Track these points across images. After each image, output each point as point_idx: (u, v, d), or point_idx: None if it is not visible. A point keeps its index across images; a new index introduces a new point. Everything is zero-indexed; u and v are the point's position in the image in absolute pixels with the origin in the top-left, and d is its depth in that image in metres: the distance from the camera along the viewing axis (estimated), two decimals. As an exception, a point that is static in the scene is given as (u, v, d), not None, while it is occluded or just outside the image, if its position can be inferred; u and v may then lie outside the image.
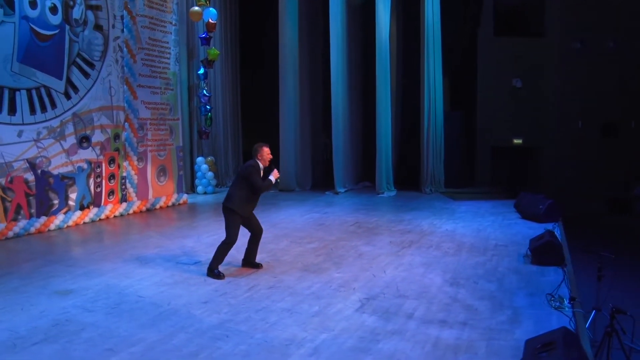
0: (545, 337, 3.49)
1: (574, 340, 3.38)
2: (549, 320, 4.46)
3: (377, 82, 11.79)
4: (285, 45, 12.39)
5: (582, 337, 4.12)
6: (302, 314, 4.57)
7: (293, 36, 12.42)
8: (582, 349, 3.39)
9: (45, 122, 8.22)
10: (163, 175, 10.63)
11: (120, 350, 3.86)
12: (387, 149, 11.96)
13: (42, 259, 6.67)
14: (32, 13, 7.95)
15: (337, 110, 11.98)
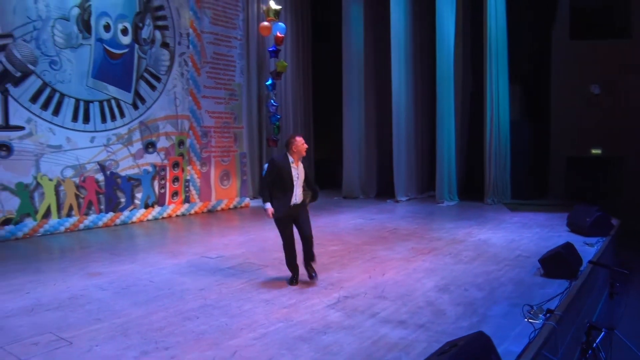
0: (460, 340, 3.74)
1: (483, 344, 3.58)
2: (512, 329, 4.52)
3: (440, 89, 11.94)
4: (349, 53, 13.02)
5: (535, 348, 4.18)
6: (275, 305, 5.12)
7: (358, 43, 12.98)
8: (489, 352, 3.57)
9: (114, 129, 9.57)
10: (227, 180, 11.66)
11: (105, 320, 4.69)
12: (450, 157, 12.05)
13: (95, 247, 7.87)
14: (105, 35, 9.34)
15: (399, 117, 12.31)
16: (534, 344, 4.17)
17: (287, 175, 5.52)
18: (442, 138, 12.02)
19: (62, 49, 8.78)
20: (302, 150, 5.58)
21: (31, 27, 8.37)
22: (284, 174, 5.51)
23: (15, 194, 8.31)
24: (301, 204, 5.72)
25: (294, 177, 5.55)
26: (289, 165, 5.53)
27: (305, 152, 5.63)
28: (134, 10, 9.76)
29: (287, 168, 5.53)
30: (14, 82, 8.25)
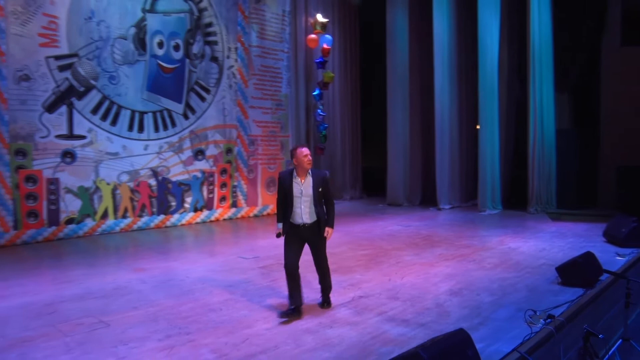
0: (443, 336, 4.13)
1: (461, 339, 3.96)
2: (509, 332, 4.76)
3: (482, 97, 12.09)
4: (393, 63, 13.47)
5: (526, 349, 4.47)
6: (292, 300, 5.67)
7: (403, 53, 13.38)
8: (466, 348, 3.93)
9: (166, 138, 10.45)
10: (272, 186, 12.34)
11: (141, 308, 5.39)
12: (494, 166, 12.18)
13: (145, 246, 8.70)
14: (159, 52, 10.25)
15: (442, 126, 12.58)
16: (524, 345, 4.48)
17: (288, 190, 5.11)
18: (485, 146, 12.18)
19: (120, 65, 9.76)
20: (303, 163, 5.06)
21: (94, 47, 9.39)
22: (285, 189, 5.14)
23: (78, 196, 9.32)
24: (315, 226, 5.16)
25: (294, 192, 5.09)
26: (291, 180, 5.12)
27: (308, 165, 5.09)
28: (185, 27, 10.64)
29: (287, 183, 5.13)
30: (78, 96, 9.28)
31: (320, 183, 5.14)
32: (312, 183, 5.10)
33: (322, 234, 5.20)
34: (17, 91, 8.68)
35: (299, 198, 5.08)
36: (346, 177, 14.90)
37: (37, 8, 8.78)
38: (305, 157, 5.06)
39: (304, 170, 5.09)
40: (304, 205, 5.09)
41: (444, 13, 12.49)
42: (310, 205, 5.11)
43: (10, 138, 8.62)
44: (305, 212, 5.10)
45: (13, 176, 8.68)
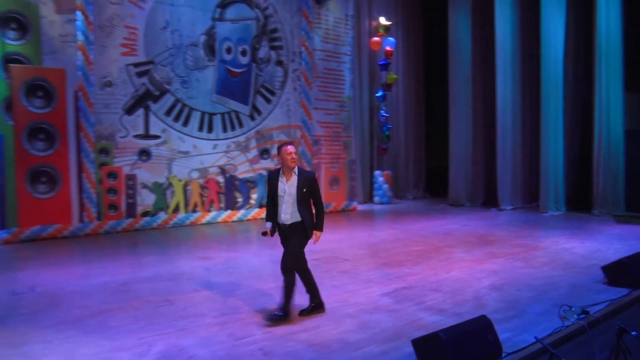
0: (467, 321, 4.48)
1: (483, 325, 4.29)
2: (540, 324, 4.93)
3: (545, 97, 12.02)
4: (456, 63, 13.62)
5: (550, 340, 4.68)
6: (339, 290, 6.12)
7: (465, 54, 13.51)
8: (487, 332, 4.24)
9: (234, 138, 11.22)
10: (336, 184, 12.86)
11: (202, 290, 6.05)
12: (557, 167, 12.06)
13: (212, 238, 9.47)
14: (227, 57, 11.04)
15: (504, 126, 12.61)
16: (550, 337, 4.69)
17: (274, 189, 5.04)
18: (548, 147, 12.11)
19: (192, 70, 10.62)
20: (287, 161, 4.94)
21: (168, 54, 10.29)
22: (272, 188, 5.07)
23: (152, 191, 10.25)
24: (297, 227, 5.03)
25: (279, 191, 5.01)
26: (277, 179, 5.03)
27: (292, 163, 4.96)
28: (252, 34, 11.38)
29: (274, 182, 5.05)
30: (153, 100, 10.21)
31: (306, 183, 5.02)
32: (296, 183, 4.98)
33: (304, 236, 5.07)
34: (102, 96, 9.69)
35: (282, 197, 4.98)
36: (409, 176, 15.20)
37: (120, 21, 9.77)
38: (289, 155, 4.93)
39: (289, 168, 4.98)
40: (285, 204, 4.98)
41: (506, 10, 12.50)
42: (293, 205, 4.98)
43: (95, 138, 9.63)
44: (286, 211, 4.99)
45: (97, 172, 9.69)
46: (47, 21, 9.16)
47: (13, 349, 4.37)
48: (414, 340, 4.09)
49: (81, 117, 9.49)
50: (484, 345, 4.06)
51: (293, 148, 5.05)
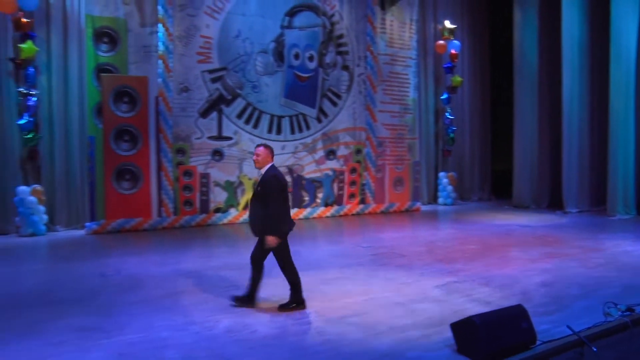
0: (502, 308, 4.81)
1: (518, 312, 4.62)
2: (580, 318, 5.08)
3: (614, 97, 11.82)
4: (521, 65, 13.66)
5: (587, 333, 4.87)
6: (393, 282, 6.55)
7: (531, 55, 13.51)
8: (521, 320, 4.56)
9: (301, 139, 11.86)
10: (400, 185, 13.24)
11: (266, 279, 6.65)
12: (627, 169, 11.80)
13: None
14: (295, 62, 11.70)
15: (571, 128, 12.50)
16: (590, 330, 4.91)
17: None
18: (617, 148, 11.91)
19: (262, 75, 11.35)
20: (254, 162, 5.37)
21: (240, 61, 11.07)
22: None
23: (224, 189, 11.05)
24: (252, 225, 5.49)
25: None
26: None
27: (255, 165, 5.44)
28: (319, 40, 11.99)
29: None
30: (226, 103, 11.01)
31: (260, 182, 5.29)
32: (258, 183, 5.34)
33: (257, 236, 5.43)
34: (179, 100, 10.58)
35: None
36: (474, 178, 15.32)
37: (196, 31, 10.63)
38: (254, 156, 5.36)
39: (258, 169, 5.43)
40: (251, 203, 5.45)
41: (574, 10, 12.40)
42: (253, 204, 5.40)
43: (173, 139, 10.53)
44: (250, 210, 5.45)
45: (174, 171, 10.58)
46: (133, 34, 10.13)
47: (104, 318, 5.15)
48: (452, 324, 4.49)
49: (161, 120, 10.41)
50: (517, 332, 4.39)
51: (258, 149, 5.39)
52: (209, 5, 10.78)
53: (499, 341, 4.23)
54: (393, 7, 12.92)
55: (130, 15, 10.14)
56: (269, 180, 5.26)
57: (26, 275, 7.12)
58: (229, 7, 10.96)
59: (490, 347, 4.15)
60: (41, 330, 4.86)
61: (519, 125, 13.87)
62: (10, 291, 6.28)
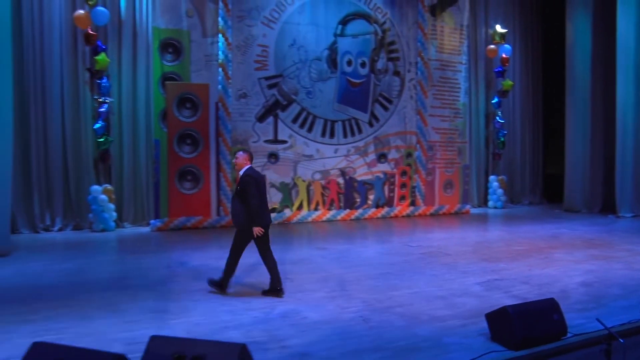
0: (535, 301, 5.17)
1: (550, 305, 4.98)
2: (616, 315, 5.32)
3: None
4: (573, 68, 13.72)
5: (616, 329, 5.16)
6: (438, 278, 6.97)
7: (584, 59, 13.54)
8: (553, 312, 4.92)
9: (353, 143, 12.38)
10: (450, 188, 13.56)
11: (317, 273, 7.23)
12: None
13: (330, 233, 10.68)
14: (348, 69, 12.24)
15: (625, 130, 12.44)
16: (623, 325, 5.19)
17: None
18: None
19: (316, 81, 11.95)
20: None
21: (295, 68, 11.71)
22: None
23: (279, 190, 11.70)
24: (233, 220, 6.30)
25: None
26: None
27: (235, 167, 6.48)
28: (371, 47, 12.49)
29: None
30: (282, 108, 11.68)
31: (239, 182, 6.09)
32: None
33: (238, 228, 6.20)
34: (238, 106, 11.31)
35: None
36: (525, 182, 15.43)
37: (254, 41, 11.34)
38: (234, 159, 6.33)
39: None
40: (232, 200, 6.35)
41: (630, 10, 12.37)
42: (233, 200, 6.24)
43: (232, 142, 11.25)
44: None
45: (232, 172, 11.29)
46: (195, 44, 10.91)
47: (172, 302, 5.84)
48: (487, 314, 4.90)
49: (220, 125, 11.15)
50: (549, 323, 4.75)
51: (238, 153, 6.26)
52: (266, 16, 11.46)
53: (531, 330, 4.60)
54: (444, 14, 13.28)
55: (193, 27, 10.92)
56: (246, 179, 6.01)
57: (102, 265, 7.94)
58: (285, 17, 11.62)
59: (522, 335, 4.54)
60: (119, 310, 5.58)
61: (570, 128, 13.92)
62: (91, 278, 7.10)
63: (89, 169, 10.83)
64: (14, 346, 4.44)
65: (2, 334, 4.85)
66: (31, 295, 6.18)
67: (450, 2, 13.37)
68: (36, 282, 6.85)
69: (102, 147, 10.62)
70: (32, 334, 4.73)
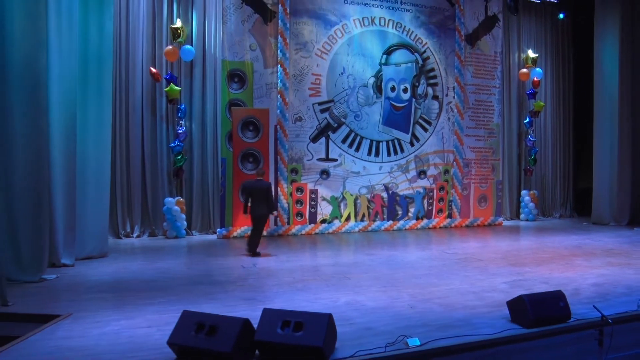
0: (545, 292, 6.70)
1: (557, 295, 6.51)
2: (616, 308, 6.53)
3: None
4: (601, 88, 15.12)
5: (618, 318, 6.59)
6: (470, 278, 8.48)
7: (612, 79, 14.88)
8: (559, 300, 6.46)
9: (396, 161, 14.01)
10: (484, 202, 15.05)
11: (369, 272, 8.85)
12: None
13: (375, 241, 12.30)
14: (391, 94, 13.91)
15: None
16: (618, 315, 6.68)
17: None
18: None
19: (363, 106, 13.65)
20: None
21: (344, 94, 13.44)
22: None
23: (330, 203, 13.39)
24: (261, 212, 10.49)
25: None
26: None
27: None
28: (412, 74, 14.15)
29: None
30: (332, 130, 13.40)
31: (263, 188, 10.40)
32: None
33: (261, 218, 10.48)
34: (294, 128, 13.08)
35: None
36: (556, 196, 16.82)
37: (308, 70, 13.13)
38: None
39: None
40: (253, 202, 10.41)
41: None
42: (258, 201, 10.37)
43: (289, 160, 13.02)
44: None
45: (289, 187, 13.06)
46: (258, 74, 12.76)
47: (257, 293, 7.53)
48: (508, 301, 6.47)
49: (279, 145, 12.93)
50: (556, 309, 6.25)
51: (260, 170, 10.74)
52: (319, 48, 13.24)
53: (541, 313, 6.15)
54: (479, 42, 14.85)
55: (255, 59, 12.76)
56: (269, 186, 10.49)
57: (188, 265, 9.71)
58: (336, 49, 13.38)
59: (534, 317, 6.09)
60: (216, 298, 7.28)
61: (598, 144, 15.24)
62: (182, 275, 8.85)
63: (164, 183, 12.73)
64: (147, 320, 6.18)
65: (136, 312, 6.60)
66: (141, 286, 7.92)
67: (485, 31, 14.94)
68: (140, 277, 8.60)
69: (178, 164, 12.50)
70: (157, 312, 6.49)
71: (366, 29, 13.71)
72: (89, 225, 9.82)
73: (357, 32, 13.62)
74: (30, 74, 7.91)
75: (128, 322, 6.14)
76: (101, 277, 8.59)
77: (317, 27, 13.23)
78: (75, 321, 6.18)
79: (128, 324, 6.10)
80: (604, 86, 15.21)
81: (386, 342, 5.38)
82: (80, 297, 7.30)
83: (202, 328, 5.01)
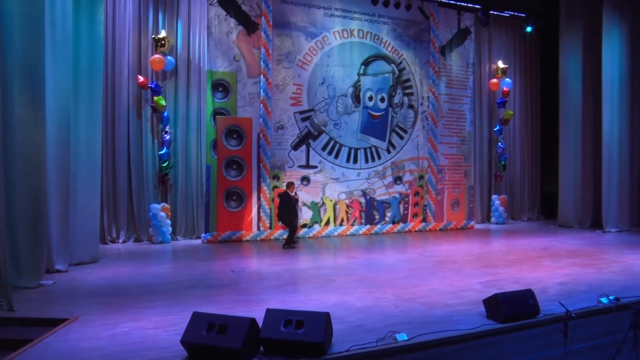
0: (517, 290, 7.43)
1: (526, 293, 7.24)
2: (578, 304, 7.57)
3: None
4: (566, 98, 16.15)
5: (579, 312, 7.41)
6: (447, 279, 9.16)
7: (575, 89, 15.89)
8: (529, 298, 7.20)
9: (373, 167, 14.70)
10: (456, 206, 15.85)
11: (353, 275, 9.48)
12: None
13: (355, 245, 12.93)
14: (369, 104, 14.60)
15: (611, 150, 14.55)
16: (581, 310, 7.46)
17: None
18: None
19: (342, 115, 14.30)
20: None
21: (324, 103, 14.07)
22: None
23: (310, 208, 13.99)
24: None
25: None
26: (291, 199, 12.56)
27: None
28: (389, 84, 14.86)
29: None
30: (313, 138, 14.01)
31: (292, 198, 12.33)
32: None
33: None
34: (276, 136, 13.65)
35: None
36: (524, 200, 17.76)
37: (290, 80, 13.72)
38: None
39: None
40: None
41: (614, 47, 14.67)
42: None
43: (270, 167, 13.58)
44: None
45: (271, 193, 13.62)
46: (241, 84, 13.29)
47: (250, 295, 8.06)
48: (484, 299, 7.17)
49: (261, 152, 13.48)
50: (527, 306, 6.96)
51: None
52: (300, 59, 13.84)
53: (513, 310, 6.85)
54: (452, 53, 15.65)
55: (239, 70, 13.29)
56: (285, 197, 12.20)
57: (179, 269, 10.17)
58: (316, 60, 14.01)
59: (507, 313, 6.79)
60: (213, 301, 7.79)
61: (563, 152, 16.21)
62: (176, 279, 9.30)
63: (149, 190, 13.15)
64: (152, 322, 6.64)
65: (139, 315, 7.05)
66: (138, 290, 8.33)
67: (458, 43, 15.75)
68: (135, 281, 9.02)
69: (165, 171, 12.95)
70: (159, 315, 6.97)
71: (345, 40, 14.36)
72: (81, 232, 10.15)
73: (336, 43, 14.26)
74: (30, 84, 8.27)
75: (134, 324, 6.57)
76: (97, 282, 8.99)
77: (298, 38, 13.83)
78: (84, 324, 6.58)
79: (135, 325, 6.53)
80: (568, 95, 16.17)
81: (376, 337, 5.97)
82: (81, 302, 7.66)
83: (212, 327, 5.54)
